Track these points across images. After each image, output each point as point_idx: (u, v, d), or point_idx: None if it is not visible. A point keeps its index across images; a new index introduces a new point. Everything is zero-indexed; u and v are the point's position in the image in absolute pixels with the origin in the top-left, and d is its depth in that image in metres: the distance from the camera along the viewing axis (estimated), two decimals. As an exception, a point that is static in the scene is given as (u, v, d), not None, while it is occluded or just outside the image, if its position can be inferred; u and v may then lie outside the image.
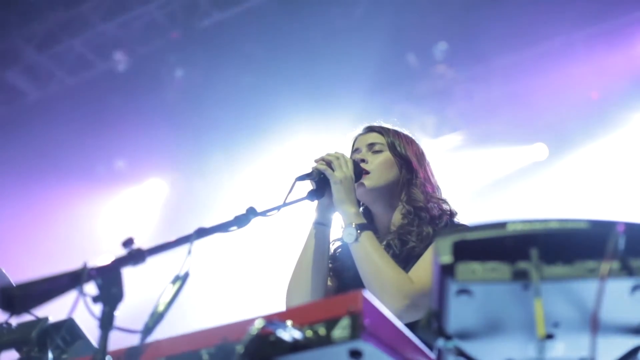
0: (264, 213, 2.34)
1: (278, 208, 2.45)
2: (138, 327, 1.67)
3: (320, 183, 2.70)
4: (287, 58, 7.11)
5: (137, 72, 7.67)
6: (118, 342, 1.72)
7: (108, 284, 1.64)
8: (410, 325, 1.78)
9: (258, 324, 1.49)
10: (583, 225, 1.42)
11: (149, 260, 1.76)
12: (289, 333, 1.47)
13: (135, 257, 1.72)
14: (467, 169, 7.39)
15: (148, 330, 1.65)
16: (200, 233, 1.96)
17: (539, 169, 7.31)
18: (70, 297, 1.63)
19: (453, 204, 2.84)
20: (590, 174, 7.00)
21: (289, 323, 1.49)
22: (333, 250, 2.85)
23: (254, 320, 1.51)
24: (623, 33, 6.61)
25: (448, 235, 1.43)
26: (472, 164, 7.45)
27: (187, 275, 1.75)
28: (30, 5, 7.29)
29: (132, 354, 1.71)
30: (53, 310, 1.91)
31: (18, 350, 2.10)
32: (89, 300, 1.62)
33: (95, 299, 1.62)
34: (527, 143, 7.32)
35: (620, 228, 1.39)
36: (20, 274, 1.91)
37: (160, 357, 1.69)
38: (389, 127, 2.96)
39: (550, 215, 1.42)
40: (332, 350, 1.46)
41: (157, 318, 1.66)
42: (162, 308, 1.68)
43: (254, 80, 7.55)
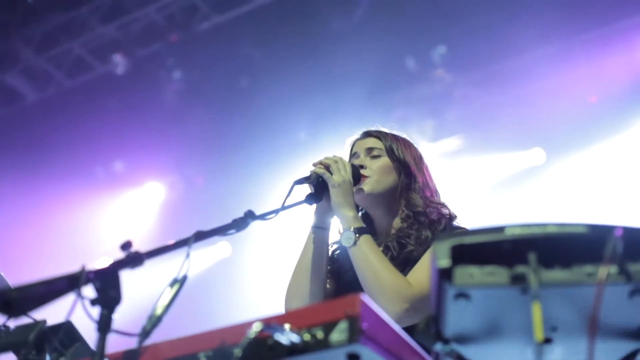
0: (263, 217, 2.34)
1: (276, 212, 2.44)
2: (136, 330, 1.67)
3: (319, 187, 2.70)
4: (285, 61, 7.11)
5: (135, 74, 7.66)
6: (116, 345, 1.72)
7: (106, 287, 1.63)
8: (409, 329, 1.78)
9: (256, 327, 1.49)
10: (581, 230, 1.42)
11: (147, 263, 1.76)
12: (287, 336, 1.47)
13: (134, 260, 1.72)
14: (465, 173, 7.39)
15: (146, 334, 1.65)
16: (199, 236, 1.96)
17: (537, 173, 7.30)
18: (68, 300, 1.63)
19: (452, 208, 2.83)
20: (589, 179, 6.99)
21: (287, 326, 1.49)
22: (331, 253, 2.85)
23: (252, 324, 1.50)
24: (622, 37, 6.61)
25: (446, 239, 1.43)
26: (470, 168, 7.45)
27: (185, 278, 1.75)
28: (29, 8, 7.28)
29: (130, 357, 1.70)
30: (51, 313, 1.91)
31: (16, 353, 2.09)
32: (87, 303, 1.62)
33: (93, 302, 1.62)
34: (525, 147, 7.32)
35: (619, 232, 1.39)
36: (18, 277, 1.90)
37: (158, 360, 1.69)
38: (387, 131, 2.95)
39: (549, 220, 1.42)
40: (329, 354, 1.46)
41: (155, 321, 1.66)
42: (160, 311, 1.68)
43: (252, 84, 7.56)
